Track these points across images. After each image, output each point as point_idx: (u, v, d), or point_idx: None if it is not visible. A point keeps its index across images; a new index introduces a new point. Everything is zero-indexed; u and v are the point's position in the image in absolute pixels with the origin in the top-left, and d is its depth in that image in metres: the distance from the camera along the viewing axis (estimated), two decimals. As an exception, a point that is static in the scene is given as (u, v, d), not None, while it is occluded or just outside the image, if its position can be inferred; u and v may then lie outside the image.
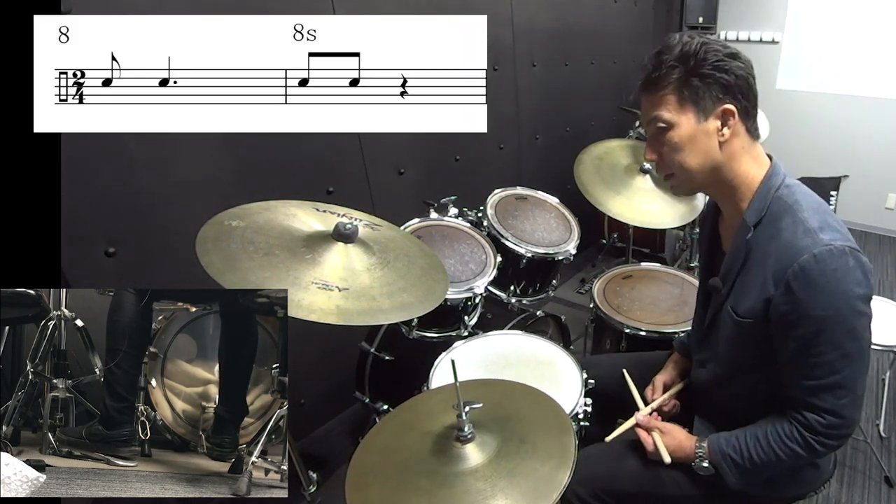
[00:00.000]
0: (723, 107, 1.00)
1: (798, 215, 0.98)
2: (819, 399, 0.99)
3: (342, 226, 1.10)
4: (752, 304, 1.01)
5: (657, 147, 1.06)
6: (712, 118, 1.01)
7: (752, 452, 1.05)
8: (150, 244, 1.49)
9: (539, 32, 2.79)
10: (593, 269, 3.41)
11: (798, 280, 0.94)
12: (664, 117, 1.02)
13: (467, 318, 1.67)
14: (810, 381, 0.99)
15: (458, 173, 2.45)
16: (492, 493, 0.86)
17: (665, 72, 1.00)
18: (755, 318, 1.02)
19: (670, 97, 1.01)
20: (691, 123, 1.01)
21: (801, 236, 0.96)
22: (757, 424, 1.08)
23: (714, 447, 1.09)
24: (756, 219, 1.03)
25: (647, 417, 1.17)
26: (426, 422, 1.03)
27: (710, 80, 0.99)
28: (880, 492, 1.95)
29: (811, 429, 1.00)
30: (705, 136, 1.02)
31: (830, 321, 0.94)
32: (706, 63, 0.98)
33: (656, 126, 1.04)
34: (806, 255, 0.93)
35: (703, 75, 0.98)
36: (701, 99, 1.00)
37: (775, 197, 1.02)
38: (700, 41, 0.99)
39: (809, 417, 1.00)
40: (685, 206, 2.06)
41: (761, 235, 1.02)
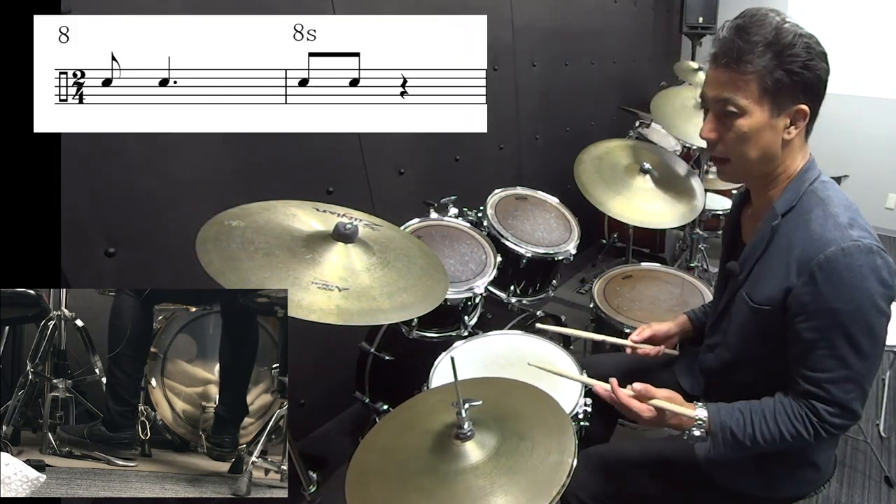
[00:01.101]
0: (798, 106, 0.97)
1: (829, 209, 0.98)
2: (827, 391, 0.98)
3: (342, 226, 1.10)
4: (771, 291, 1.01)
5: (719, 128, 1.02)
6: (784, 115, 0.98)
7: (755, 429, 1.02)
8: (150, 244, 1.49)
9: (539, 32, 2.79)
10: (593, 269, 3.41)
11: (823, 271, 0.93)
12: (740, 103, 0.97)
13: (467, 318, 1.67)
14: (820, 373, 0.98)
15: (458, 173, 2.45)
16: (491, 490, 0.86)
17: (755, 55, 0.94)
18: (773, 306, 1.01)
19: (752, 84, 0.96)
20: (764, 116, 0.97)
21: (831, 229, 0.95)
22: (760, 402, 1.06)
23: (714, 417, 1.06)
24: (785, 208, 1.02)
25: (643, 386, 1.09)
26: (426, 421, 1.03)
27: (797, 79, 0.95)
28: (880, 492, 1.95)
29: (818, 416, 1.00)
30: (772, 131, 0.99)
31: (850, 316, 0.94)
32: (798, 59, 0.94)
33: (725, 107, 0.99)
34: (833, 248, 0.93)
35: (792, 72, 0.94)
36: (781, 94, 0.96)
37: (809, 190, 1.02)
38: (795, 31, 0.94)
39: (818, 406, 1.00)
40: (685, 206, 2.06)
41: (788, 224, 1.01)
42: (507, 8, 2.55)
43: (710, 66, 1.02)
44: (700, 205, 2.11)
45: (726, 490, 1.14)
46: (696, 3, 3.87)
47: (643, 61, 3.90)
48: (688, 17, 3.91)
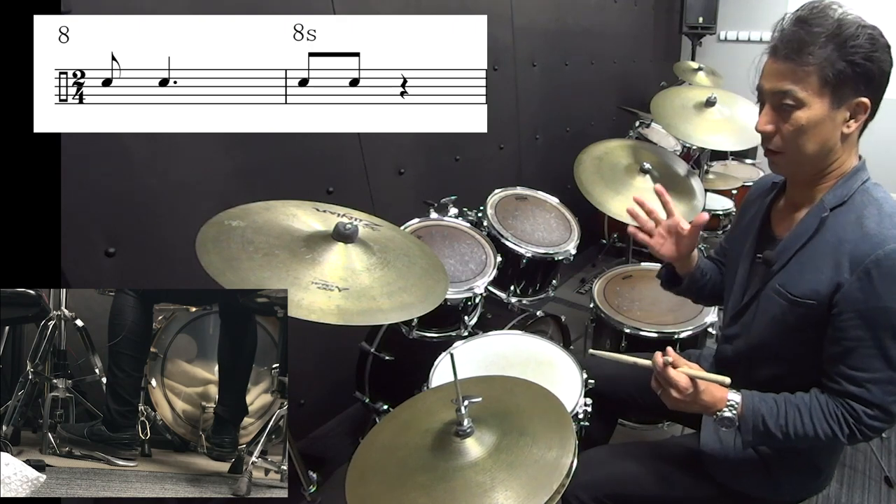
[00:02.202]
0: (859, 99, 0.95)
1: (885, 209, 0.97)
2: (869, 392, 0.97)
3: (342, 226, 1.10)
4: (817, 285, 0.98)
5: (776, 120, 1.00)
6: (844, 108, 0.96)
7: (788, 421, 1.00)
8: (150, 244, 1.49)
9: (539, 32, 2.79)
10: (593, 269, 3.41)
11: (880, 268, 0.92)
12: (799, 95, 0.95)
13: (467, 318, 1.67)
14: (863, 372, 0.96)
15: (458, 173, 2.45)
16: (491, 485, 0.86)
17: (817, 45, 0.92)
18: (817, 300, 0.99)
19: (813, 76, 0.94)
20: (824, 108, 0.95)
21: (888, 227, 0.94)
22: (796, 395, 1.04)
23: (748, 402, 1.03)
24: (836, 203, 1.01)
25: (676, 356, 1.05)
26: (426, 419, 1.03)
27: (860, 70, 0.93)
28: (880, 492, 1.95)
29: (856, 417, 0.98)
30: (832, 123, 0.97)
31: None
32: (861, 50, 0.92)
33: (783, 100, 0.97)
34: (892, 245, 0.92)
35: (854, 63, 0.92)
36: (843, 86, 0.94)
37: (861, 188, 1.01)
38: (858, 22, 0.93)
39: (857, 407, 0.98)
40: (685, 207, 2.06)
41: (838, 219, 1.00)
42: (507, 8, 2.55)
43: (769, 58, 1.00)
44: (700, 205, 2.11)
45: (727, 491, 1.14)
46: (696, 3, 3.87)
47: (643, 61, 3.90)
48: (688, 17, 3.91)
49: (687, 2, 3.91)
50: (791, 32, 0.95)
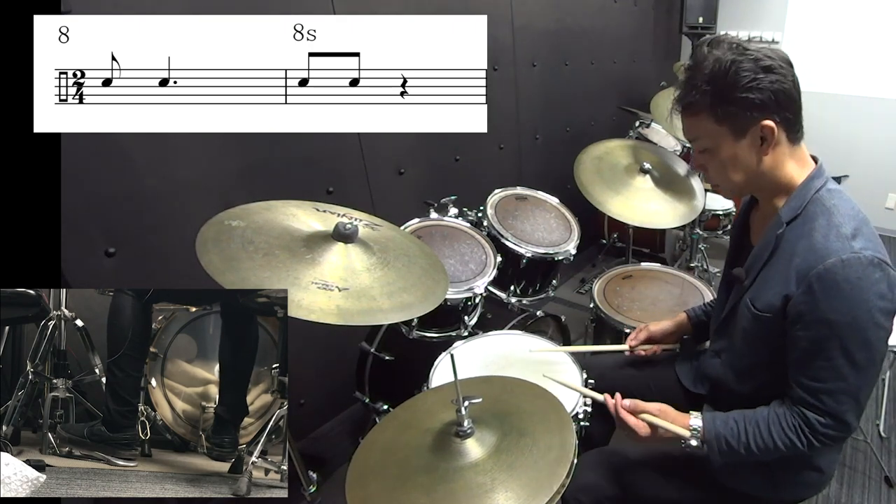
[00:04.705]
0: (761, 124, 0.97)
1: (834, 219, 0.97)
2: (821, 402, 0.99)
3: (342, 226, 1.10)
4: (772, 299, 1.01)
5: (702, 161, 1.07)
6: (750, 136, 0.99)
7: (749, 438, 1.04)
8: (150, 244, 1.49)
9: (539, 32, 2.78)
10: (593, 269, 3.41)
11: (821, 282, 0.93)
12: (703, 143, 1.03)
13: (467, 318, 1.67)
14: (816, 382, 0.98)
15: (458, 173, 2.45)
16: (491, 486, 0.86)
17: (698, 97, 0.98)
18: (773, 314, 1.01)
19: (706, 121, 1.00)
20: (731, 144, 1.00)
21: (833, 239, 0.95)
22: (755, 411, 1.07)
23: (709, 426, 1.07)
24: (791, 216, 1.02)
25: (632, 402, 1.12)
26: (426, 419, 1.03)
27: (744, 103, 0.96)
28: (880, 492, 1.95)
29: (811, 426, 1.00)
30: (747, 152, 1.01)
31: (846, 328, 0.93)
32: (737, 86, 0.95)
33: (698, 148, 1.05)
34: (833, 259, 0.92)
35: (735, 99, 0.96)
36: (737, 120, 0.98)
37: (815, 198, 1.01)
38: (731, 59, 0.95)
39: (810, 416, 1.00)
40: (685, 207, 2.06)
41: (793, 233, 1.01)
42: (507, 8, 2.55)
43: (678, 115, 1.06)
44: (700, 205, 2.11)
45: (728, 491, 1.14)
46: (696, 3, 3.87)
47: (643, 61, 3.90)
48: (688, 17, 3.91)
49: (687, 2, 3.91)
50: (681, 85, 1.02)
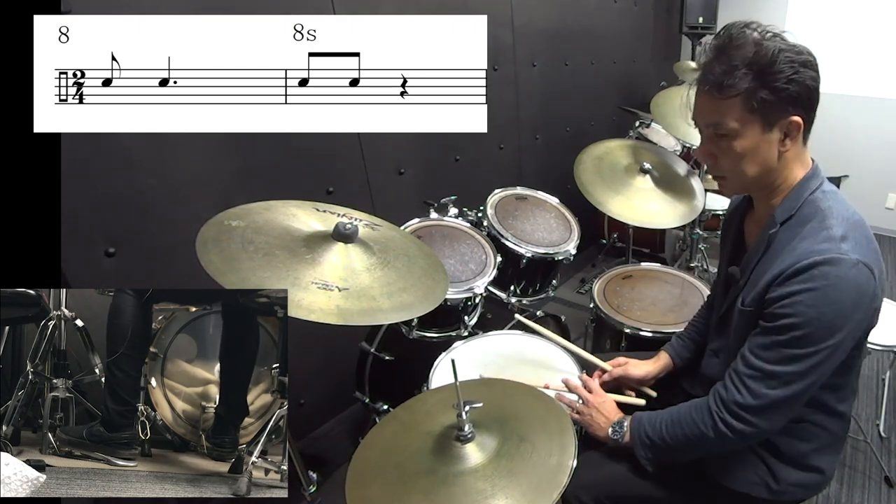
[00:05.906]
0: (791, 119, 0.96)
1: (825, 221, 0.97)
2: (751, 378, 0.99)
3: (342, 226, 1.10)
4: (756, 294, 1.01)
5: (713, 149, 1.02)
6: (777, 129, 0.97)
7: (664, 431, 1.05)
8: (150, 244, 1.49)
9: (539, 32, 2.78)
10: (593, 269, 3.41)
11: (800, 275, 0.93)
12: (728, 126, 0.97)
13: (467, 318, 1.67)
14: (757, 359, 0.98)
15: (458, 173, 2.45)
16: (492, 492, 0.86)
17: (736, 78, 0.93)
18: (755, 308, 1.01)
19: (736, 106, 0.95)
20: (756, 134, 0.97)
21: (821, 241, 0.95)
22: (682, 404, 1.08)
23: (635, 425, 1.08)
24: (785, 217, 1.02)
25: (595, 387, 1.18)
26: (426, 422, 1.03)
27: (784, 94, 0.93)
28: (880, 492, 1.95)
29: (724, 402, 1.01)
30: (767, 145, 0.98)
31: (813, 324, 0.93)
32: (781, 76, 0.92)
33: (716, 131, 1.00)
34: (816, 258, 0.92)
35: (776, 88, 0.93)
36: (770, 111, 0.95)
37: (809, 199, 1.01)
38: (776, 48, 0.92)
39: (730, 388, 1.00)
40: (685, 206, 2.06)
41: (785, 233, 1.01)
42: (507, 8, 2.55)
43: (696, 92, 1.01)
44: (700, 205, 2.11)
45: (727, 491, 1.14)
46: (696, 3, 3.87)
47: (643, 61, 3.90)
48: (688, 17, 3.91)
49: (687, 2, 3.91)
50: (710, 66, 0.96)
